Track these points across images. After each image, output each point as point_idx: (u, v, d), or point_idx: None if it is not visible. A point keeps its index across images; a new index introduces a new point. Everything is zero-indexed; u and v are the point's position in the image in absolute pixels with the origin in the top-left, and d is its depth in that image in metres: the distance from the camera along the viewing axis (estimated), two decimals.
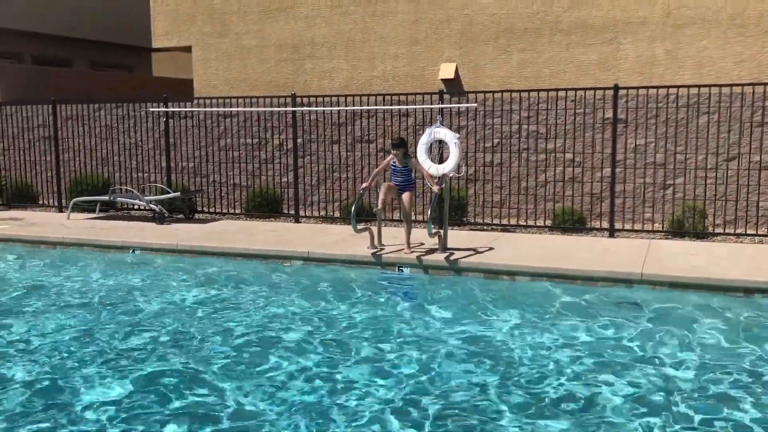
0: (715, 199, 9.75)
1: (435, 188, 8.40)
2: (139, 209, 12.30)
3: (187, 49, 14.14)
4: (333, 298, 7.23)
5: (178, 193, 11.41)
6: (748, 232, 9.37)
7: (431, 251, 8.49)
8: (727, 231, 9.46)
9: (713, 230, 9.53)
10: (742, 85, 9.32)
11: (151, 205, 11.19)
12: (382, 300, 7.22)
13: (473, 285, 7.58)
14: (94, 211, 12.26)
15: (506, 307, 6.80)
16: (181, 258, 9.09)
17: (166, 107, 12.30)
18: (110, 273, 8.45)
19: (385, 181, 9.07)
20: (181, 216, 11.76)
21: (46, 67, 16.91)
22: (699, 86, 9.56)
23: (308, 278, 8.06)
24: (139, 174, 13.04)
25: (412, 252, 8.40)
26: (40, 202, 13.71)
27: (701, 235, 9.37)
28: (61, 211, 12.75)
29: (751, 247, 8.71)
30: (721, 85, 9.44)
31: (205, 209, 12.37)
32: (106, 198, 11.69)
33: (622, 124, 10.10)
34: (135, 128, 12.99)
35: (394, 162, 8.69)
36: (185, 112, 12.46)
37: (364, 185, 8.80)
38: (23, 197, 13.54)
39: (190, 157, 12.60)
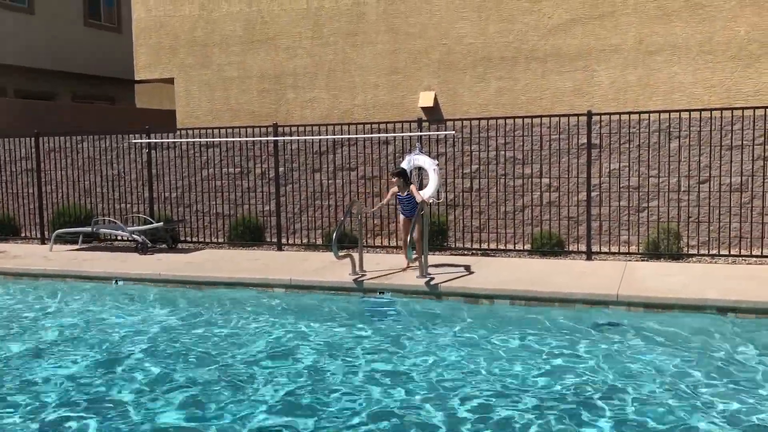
0: (689, 220, 9.99)
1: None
2: (122, 240, 12.37)
3: (170, 81, 14.35)
4: (312, 322, 7.33)
5: (161, 224, 11.50)
6: (722, 252, 9.60)
7: (412, 275, 8.63)
8: (701, 252, 9.68)
9: (688, 251, 9.75)
10: (712, 109, 9.62)
11: (134, 236, 11.27)
12: (356, 322, 7.33)
13: (452, 309, 7.71)
14: (77, 242, 12.31)
15: (477, 328, 6.94)
16: (165, 288, 9.16)
17: (149, 138, 12.44)
18: (92, 302, 8.51)
19: (397, 216, 9.35)
20: (164, 246, 11.84)
21: (29, 101, 17.03)
22: (671, 111, 9.85)
23: (289, 304, 8.16)
24: (122, 205, 13.13)
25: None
26: (23, 234, 13.74)
27: (677, 256, 9.59)
28: (43, 243, 12.79)
29: (725, 268, 8.92)
30: (692, 110, 9.74)
31: (188, 239, 12.45)
32: (88, 229, 11.76)
33: (597, 149, 10.35)
34: (118, 159, 13.11)
35: (399, 193, 9.16)
36: (168, 142, 12.60)
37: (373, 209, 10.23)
38: (5, 230, 13.57)
39: (173, 187, 12.72)
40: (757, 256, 9.38)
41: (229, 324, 7.42)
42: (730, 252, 9.58)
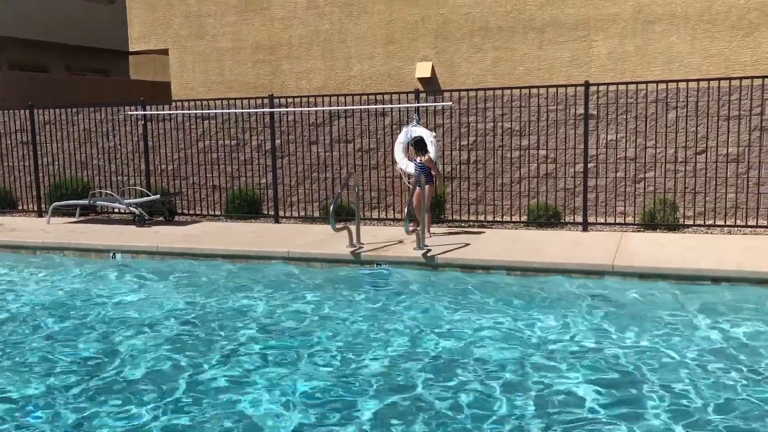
0: (685, 191, 10.01)
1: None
2: (119, 212, 12.38)
3: (164, 52, 14.24)
4: (309, 293, 7.39)
5: (158, 196, 11.50)
6: (718, 223, 9.64)
7: (409, 248, 8.67)
8: (697, 222, 9.73)
9: (684, 222, 9.80)
10: (710, 79, 9.58)
11: (131, 208, 11.28)
12: (354, 294, 7.39)
13: (448, 279, 7.78)
14: (74, 215, 12.33)
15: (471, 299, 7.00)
16: (162, 260, 9.20)
17: (144, 110, 12.39)
18: (91, 275, 8.56)
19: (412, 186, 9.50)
20: (161, 219, 11.86)
21: (23, 72, 16.90)
22: (668, 81, 9.82)
23: (287, 276, 8.22)
24: (118, 177, 13.12)
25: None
26: (20, 207, 13.74)
27: (673, 227, 9.63)
28: (41, 215, 12.80)
29: (720, 238, 8.98)
30: (689, 80, 9.71)
31: (185, 211, 12.47)
32: (85, 202, 11.76)
33: (594, 119, 10.34)
34: (113, 132, 13.06)
35: (415, 158, 9.46)
36: (163, 114, 12.55)
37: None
38: (2, 203, 13.57)
39: (170, 159, 12.70)
40: (752, 226, 9.43)
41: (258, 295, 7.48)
42: (726, 222, 9.63)
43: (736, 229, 9.48)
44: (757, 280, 7.13)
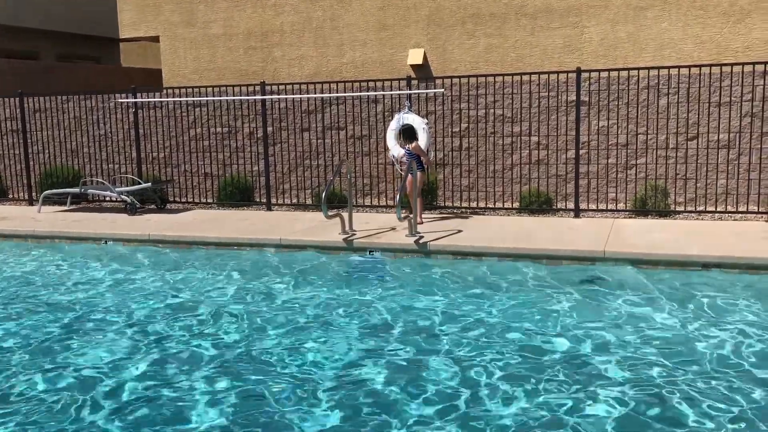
0: (676, 177, 10.06)
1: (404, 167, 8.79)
2: (110, 201, 12.35)
3: (155, 39, 14.17)
4: (302, 280, 7.42)
5: (149, 184, 11.48)
6: (708, 209, 9.70)
7: (401, 235, 8.70)
8: (688, 209, 9.78)
9: (675, 208, 9.85)
10: (701, 66, 9.60)
11: (123, 197, 11.26)
12: (345, 281, 7.42)
13: (438, 266, 7.81)
14: (65, 203, 12.29)
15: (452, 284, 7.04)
16: (154, 247, 9.20)
17: (135, 98, 12.33)
18: (86, 263, 8.56)
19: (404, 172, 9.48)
20: (153, 207, 11.84)
21: (12, 60, 16.78)
22: (659, 68, 9.84)
23: (281, 261, 8.24)
24: (109, 165, 13.08)
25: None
26: (10, 195, 13.69)
27: (664, 213, 9.68)
28: (31, 204, 12.76)
29: (711, 224, 9.03)
30: (681, 66, 9.72)
31: (177, 199, 12.46)
32: (77, 190, 11.73)
33: (586, 106, 10.36)
34: (104, 119, 13.01)
35: (405, 146, 9.53)
36: (155, 102, 12.51)
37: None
38: None
39: (161, 147, 12.67)
40: (743, 212, 9.49)
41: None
42: (716, 208, 9.69)
43: (727, 215, 9.54)
44: (747, 266, 7.19)
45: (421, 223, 9.42)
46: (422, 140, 9.85)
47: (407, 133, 9.51)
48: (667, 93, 10.02)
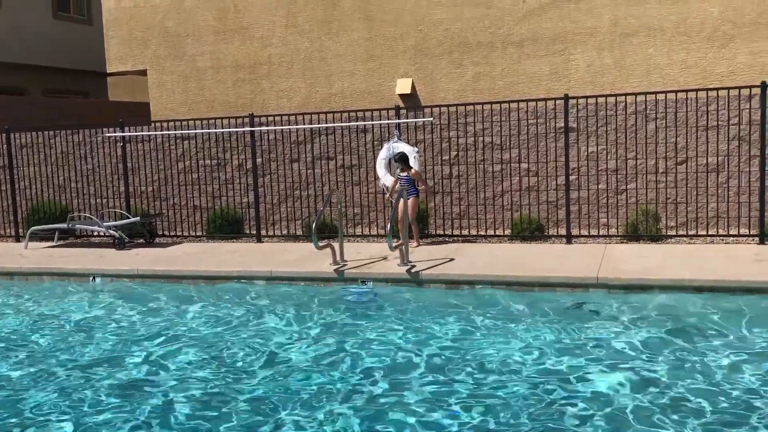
0: (667, 202, 10.12)
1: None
2: (98, 236, 12.29)
3: (143, 73, 14.23)
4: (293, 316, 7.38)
5: (138, 218, 11.45)
6: (700, 233, 9.75)
7: (393, 264, 8.68)
8: (680, 233, 9.83)
9: (667, 232, 9.90)
10: (688, 90, 9.73)
11: (111, 231, 11.21)
12: (337, 312, 7.39)
13: (431, 296, 7.79)
14: (52, 239, 12.22)
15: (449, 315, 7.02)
16: (142, 283, 9.15)
17: (123, 132, 12.35)
18: (70, 300, 8.48)
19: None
20: (141, 241, 11.79)
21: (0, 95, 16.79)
22: (647, 93, 9.96)
23: (267, 296, 8.20)
24: (97, 200, 13.04)
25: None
26: None
27: (656, 238, 9.72)
28: (18, 240, 12.68)
29: (702, 248, 9.07)
30: (667, 91, 9.85)
31: (166, 233, 12.41)
32: (64, 225, 11.67)
33: (575, 132, 10.45)
34: (92, 154, 13.00)
35: (400, 174, 9.69)
36: (143, 135, 12.53)
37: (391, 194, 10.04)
38: None
39: (149, 180, 12.66)
40: (734, 236, 9.54)
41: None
42: (708, 232, 9.74)
43: (718, 238, 9.59)
44: (740, 289, 7.21)
45: (419, 245, 9.81)
46: (414, 168, 9.91)
47: (403, 160, 9.69)
48: (655, 118, 10.12)
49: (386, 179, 10.15)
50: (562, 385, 5.13)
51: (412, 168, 9.74)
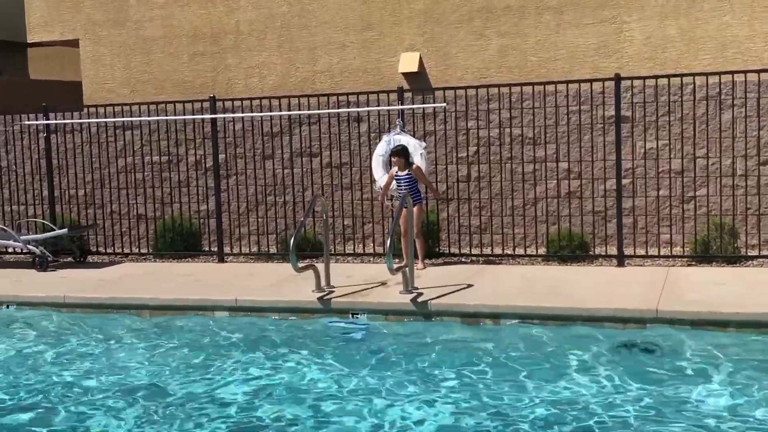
0: (747, 213, 10.13)
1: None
2: (14, 252, 12.28)
3: (74, 43, 14.27)
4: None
5: (65, 230, 11.45)
6: None
7: (394, 291, 8.69)
8: (763, 253, 9.82)
9: (747, 252, 9.90)
10: None
11: (30, 247, 11.21)
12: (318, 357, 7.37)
13: (443, 332, 7.78)
14: None
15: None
16: (71, 314, 9.14)
17: (47, 119, 12.36)
18: None
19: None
20: (70, 260, 11.80)
21: None
22: (721, 73, 9.99)
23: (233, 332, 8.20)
24: (13, 207, 13.04)
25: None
26: None
27: (733, 259, 9.73)
28: None
29: None
30: (748, 71, 9.86)
31: (102, 250, 12.41)
32: None
33: (629, 123, 10.47)
34: (7, 147, 13.01)
35: (398, 172, 9.71)
36: (72, 124, 12.54)
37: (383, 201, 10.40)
38: None
39: (81, 182, 12.66)
40: None
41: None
42: None
43: None
44: None
45: (423, 267, 9.72)
46: (416, 164, 9.89)
47: (402, 154, 9.65)
48: (731, 105, 10.14)
49: (383, 181, 10.14)
50: None
51: (413, 164, 9.72)
